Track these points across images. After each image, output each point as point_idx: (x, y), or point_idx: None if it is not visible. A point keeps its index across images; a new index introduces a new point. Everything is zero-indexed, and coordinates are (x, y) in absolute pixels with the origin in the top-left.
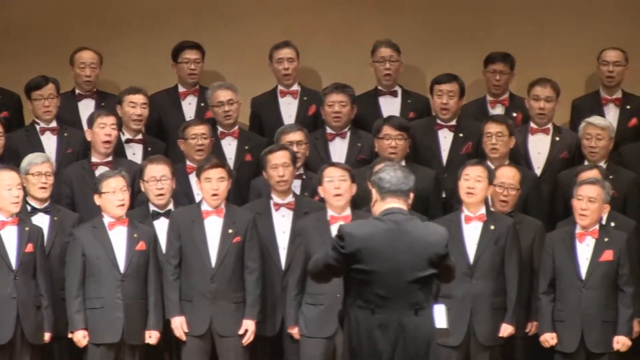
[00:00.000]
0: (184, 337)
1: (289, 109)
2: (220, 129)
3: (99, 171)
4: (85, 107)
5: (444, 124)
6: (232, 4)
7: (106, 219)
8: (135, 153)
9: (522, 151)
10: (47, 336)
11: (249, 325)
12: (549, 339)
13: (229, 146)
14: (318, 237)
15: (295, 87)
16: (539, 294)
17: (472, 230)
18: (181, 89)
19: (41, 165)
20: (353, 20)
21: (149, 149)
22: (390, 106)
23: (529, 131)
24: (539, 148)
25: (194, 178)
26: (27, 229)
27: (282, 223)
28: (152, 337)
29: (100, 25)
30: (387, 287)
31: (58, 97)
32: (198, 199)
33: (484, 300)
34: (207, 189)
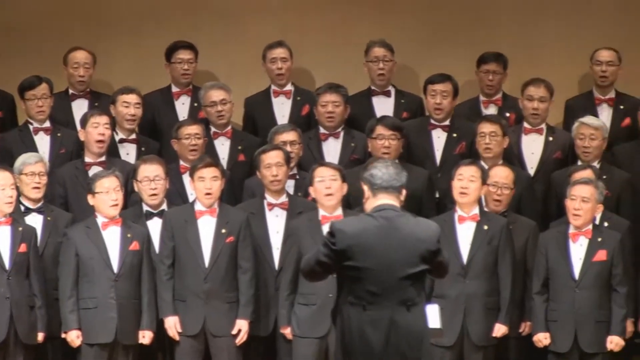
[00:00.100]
0: (177, 337)
1: (282, 108)
2: (214, 129)
3: (93, 171)
4: (79, 107)
5: (437, 124)
6: (225, 4)
7: (99, 219)
8: (128, 153)
9: (515, 151)
10: (40, 336)
11: (242, 325)
12: (542, 339)
13: (222, 146)
14: (310, 237)
15: (289, 87)
16: (533, 294)
17: (466, 230)
18: (174, 89)
19: (34, 165)
20: (346, 20)
21: (143, 148)
22: (383, 106)
23: (522, 131)
24: (532, 148)
25: (187, 178)
26: (20, 229)
27: (276, 223)
28: (145, 337)
29: (93, 25)
30: (379, 283)
31: (51, 97)
32: (191, 198)
33: (478, 300)
34: (201, 188)
